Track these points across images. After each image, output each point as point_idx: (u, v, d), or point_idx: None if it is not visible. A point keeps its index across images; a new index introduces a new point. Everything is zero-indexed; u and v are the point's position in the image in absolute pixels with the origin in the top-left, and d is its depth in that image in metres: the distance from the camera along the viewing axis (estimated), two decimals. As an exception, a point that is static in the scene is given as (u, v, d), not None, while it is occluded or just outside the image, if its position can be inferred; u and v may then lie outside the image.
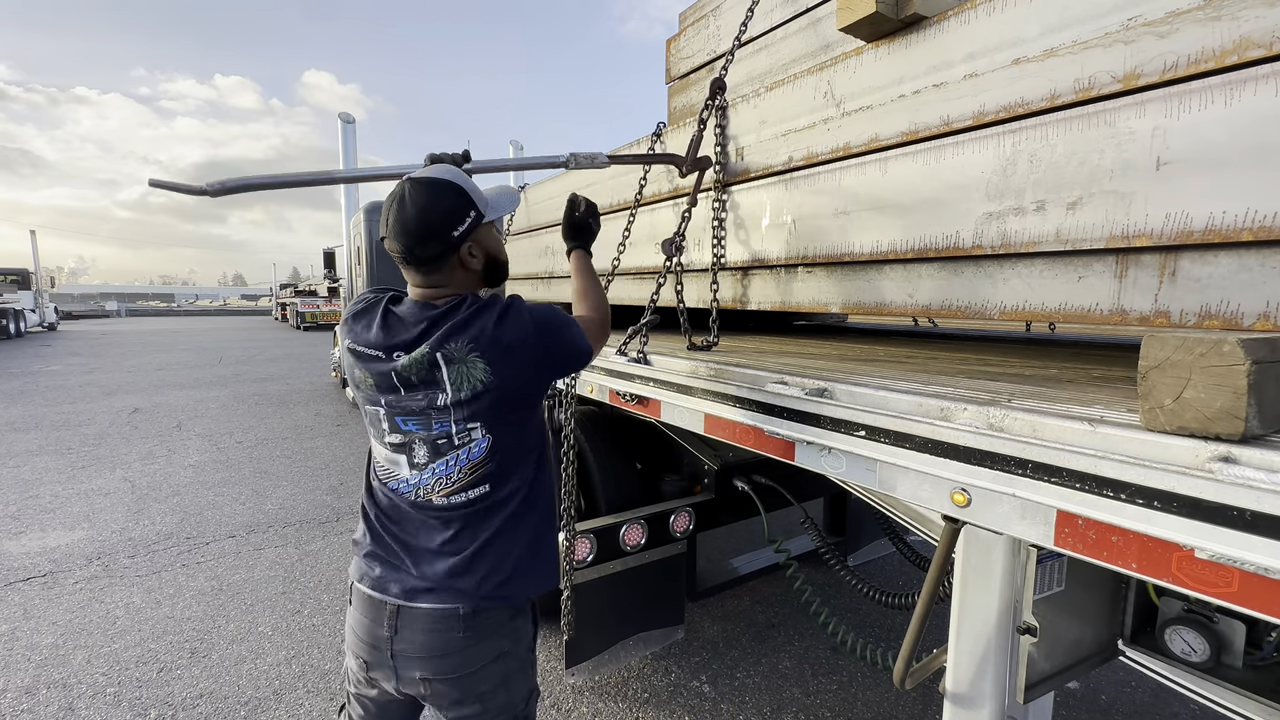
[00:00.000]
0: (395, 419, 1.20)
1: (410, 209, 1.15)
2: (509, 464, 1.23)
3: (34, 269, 23.45)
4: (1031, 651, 1.22)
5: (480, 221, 1.22)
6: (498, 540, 1.22)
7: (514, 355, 1.16)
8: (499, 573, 1.22)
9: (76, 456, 5.78)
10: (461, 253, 1.20)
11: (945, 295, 1.35)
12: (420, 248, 1.17)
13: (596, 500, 2.62)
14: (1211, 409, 0.72)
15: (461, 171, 1.26)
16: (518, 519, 1.24)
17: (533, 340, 1.18)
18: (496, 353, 1.15)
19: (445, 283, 1.23)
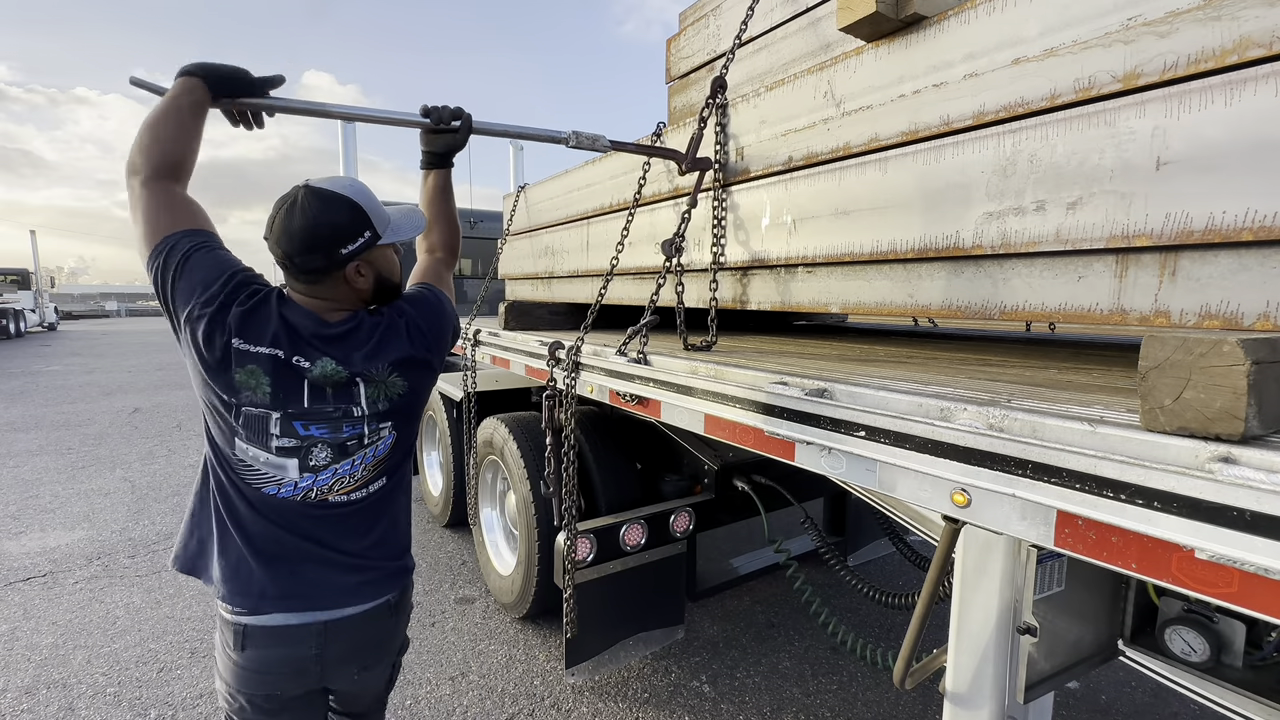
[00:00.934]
0: (293, 424, 1.16)
1: (299, 218, 1.13)
2: (404, 452, 1.31)
3: (34, 269, 23.46)
4: (1031, 651, 1.22)
5: (374, 243, 1.21)
6: (396, 522, 1.32)
7: (425, 365, 1.28)
8: (401, 548, 1.33)
9: (76, 456, 5.78)
10: (347, 271, 1.19)
11: (945, 295, 1.35)
12: (301, 258, 1.15)
13: (596, 500, 2.62)
14: (1211, 409, 0.72)
15: (365, 187, 1.23)
16: (404, 495, 1.35)
17: (434, 345, 1.30)
18: (411, 368, 1.25)
19: (327, 295, 1.22)
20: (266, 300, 1.18)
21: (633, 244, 2.33)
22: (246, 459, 1.17)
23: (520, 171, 9.88)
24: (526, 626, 2.95)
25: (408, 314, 1.28)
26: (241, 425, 1.16)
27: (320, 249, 1.15)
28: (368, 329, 1.22)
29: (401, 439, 1.28)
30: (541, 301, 3.29)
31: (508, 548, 3.17)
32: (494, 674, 2.60)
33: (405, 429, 1.29)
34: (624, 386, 1.88)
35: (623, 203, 2.37)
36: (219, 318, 1.12)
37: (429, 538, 4.01)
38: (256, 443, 1.16)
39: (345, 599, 1.22)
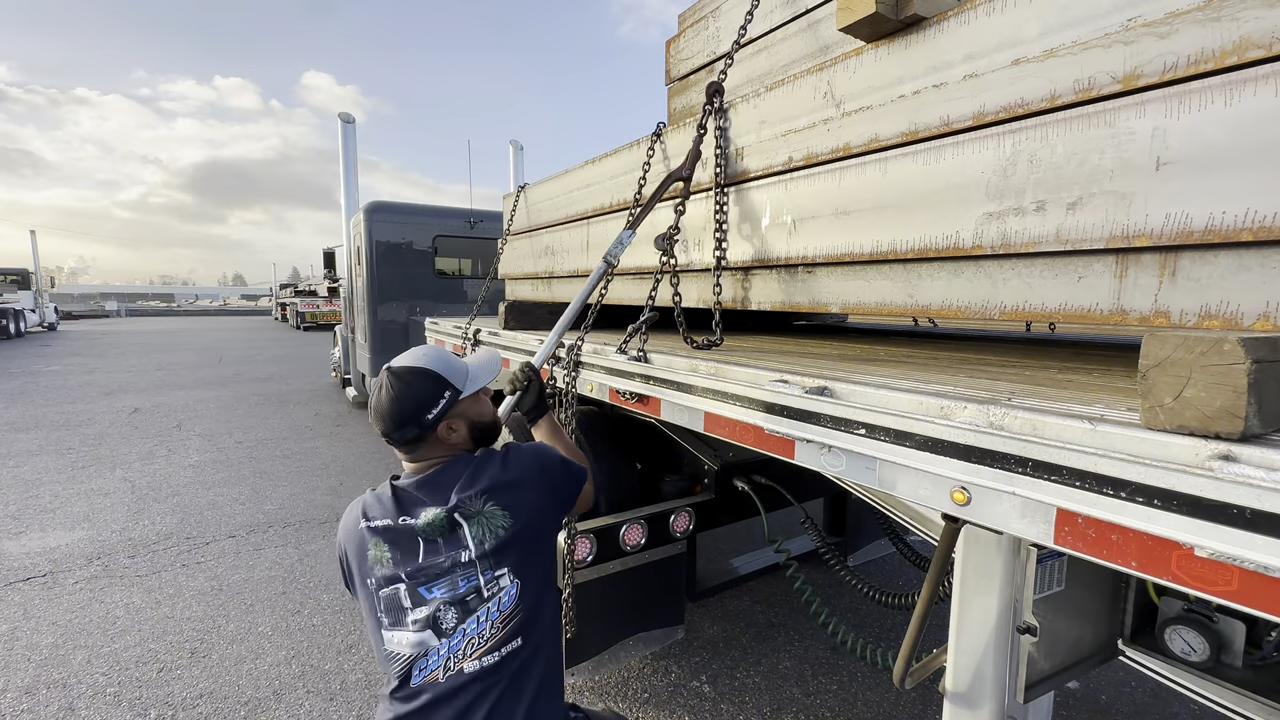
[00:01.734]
0: (418, 590, 1.17)
1: (386, 400, 1.22)
2: (537, 608, 1.22)
3: (34, 269, 23.45)
4: (1031, 651, 1.22)
5: (457, 399, 1.26)
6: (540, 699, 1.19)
7: (525, 494, 1.23)
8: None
9: (76, 456, 5.78)
10: (439, 431, 1.25)
11: (945, 295, 1.35)
12: (398, 433, 1.23)
13: (596, 500, 2.62)
14: (1212, 407, 0.72)
15: (439, 350, 1.33)
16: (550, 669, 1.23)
17: (535, 476, 1.26)
18: (510, 497, 1.20)
19: (430, 454, 1.27)
20: (378, 490, 1.28)
21: (633, 243, 2.33)
22: (400, 650, 1.17)
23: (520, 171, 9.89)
24: (526, 626, 2.95)
25: (512, 448, 1.29)
26: (383, 613, 1.19)
27: (410, 421, 1.22)
28: (463, 463, 1.25)
29: (526, 590, 1.19)
30: (541, 301, 3.29)
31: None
32: (494, 674, 2.61)
33: (528, 577, 1.20)
34: (624, 384, 1.88)
35: (623, 202, 2.37)
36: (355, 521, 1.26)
37: (429, 538, 4.01)
38: (398, 625, 1.17)
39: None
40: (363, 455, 5.93)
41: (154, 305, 61.88)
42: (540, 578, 1.24)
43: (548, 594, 1.26)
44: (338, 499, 4.69)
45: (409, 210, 7.34)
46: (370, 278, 7.05)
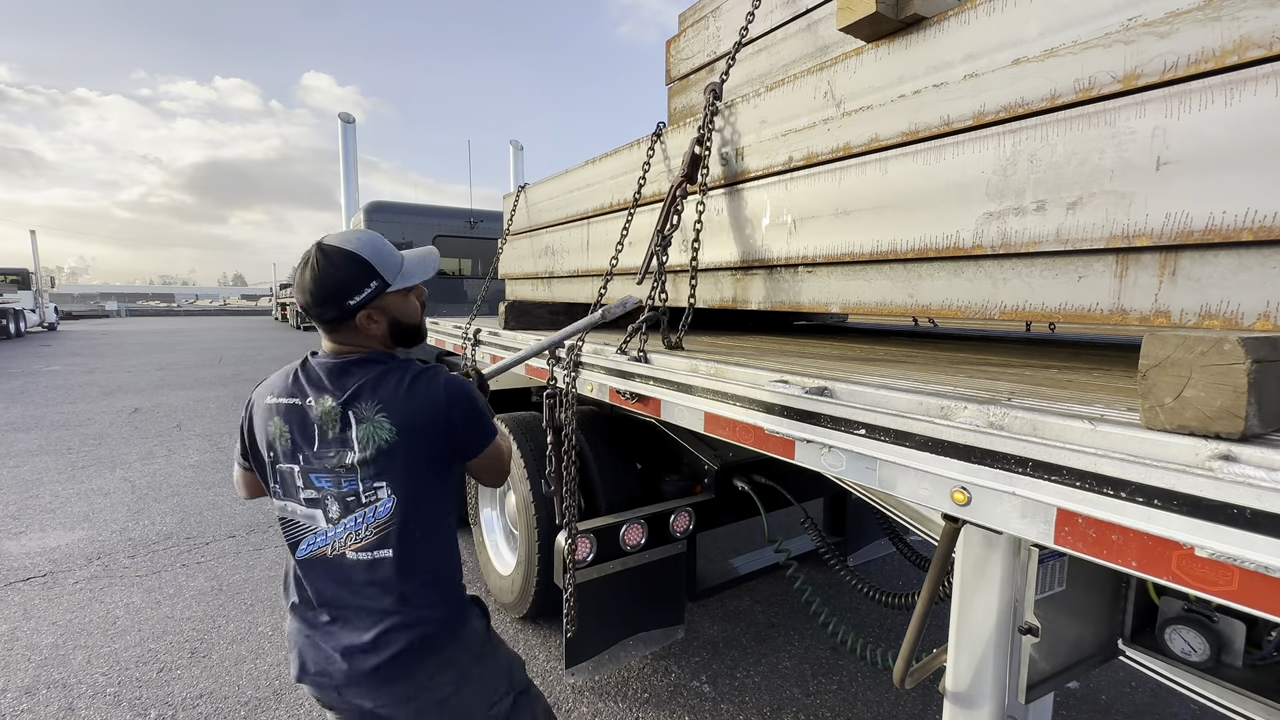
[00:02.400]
0: (310, 475, 1.24)
1: (310, 274, 1.22)
2: (413, 530, 1.24)
3: (34, 269, 23.44)
4: (1032, 652, 1.22)
5: (381, 291, 1.26)
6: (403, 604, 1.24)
7: (420, 419, 1.22)
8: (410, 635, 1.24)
9: (76, 456, 5.78)
10: (359, 319, 1.25)
11: (945, 295, 1.35)
12: (317, 309, 1.24)
13: (596, 500, 2.62)
14: (1212, 407, 0.72)
15: (376, 238, 1.29)
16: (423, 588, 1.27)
17: (439, 408, 1.24)
18: (403, 417, 1.21)
19: (349, 341, 1.29)
20: (290, 364, 1.31)
21: (632, 244, 2.33)
22: (290, 515, 1.29)
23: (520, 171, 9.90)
24: (526, 626, 2.95)
25: (431, 372, 1.28)
26: (278, 487, 1.29)
27: (330, 301, 1.22)
28: (375, 364, 1.26)
29: (402, 509, 1.22)
30: (541, 301, 3.29)
31: (508, 548, 3.17)
32: (494, 674, 2.61)
33: (405, 499, 1.23)
34: (624, 385, 1.88)
35: (623, 202, 2.37)
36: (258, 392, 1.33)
37: (429, 538, 4.02)
38: (290, 497, 1.28)
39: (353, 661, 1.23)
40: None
41: (154, 305, 61.89)
42: (420, 503, 1.25)
43: (430, 522, 1.27)
44: (338, 499, 4.69)
45: (409, 210, 7.34)
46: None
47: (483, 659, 1.35)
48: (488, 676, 1.35)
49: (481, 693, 1.33)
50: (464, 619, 1.34)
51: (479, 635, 1.36)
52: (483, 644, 1.36)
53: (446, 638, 1.29)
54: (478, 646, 1.35)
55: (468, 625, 1.34)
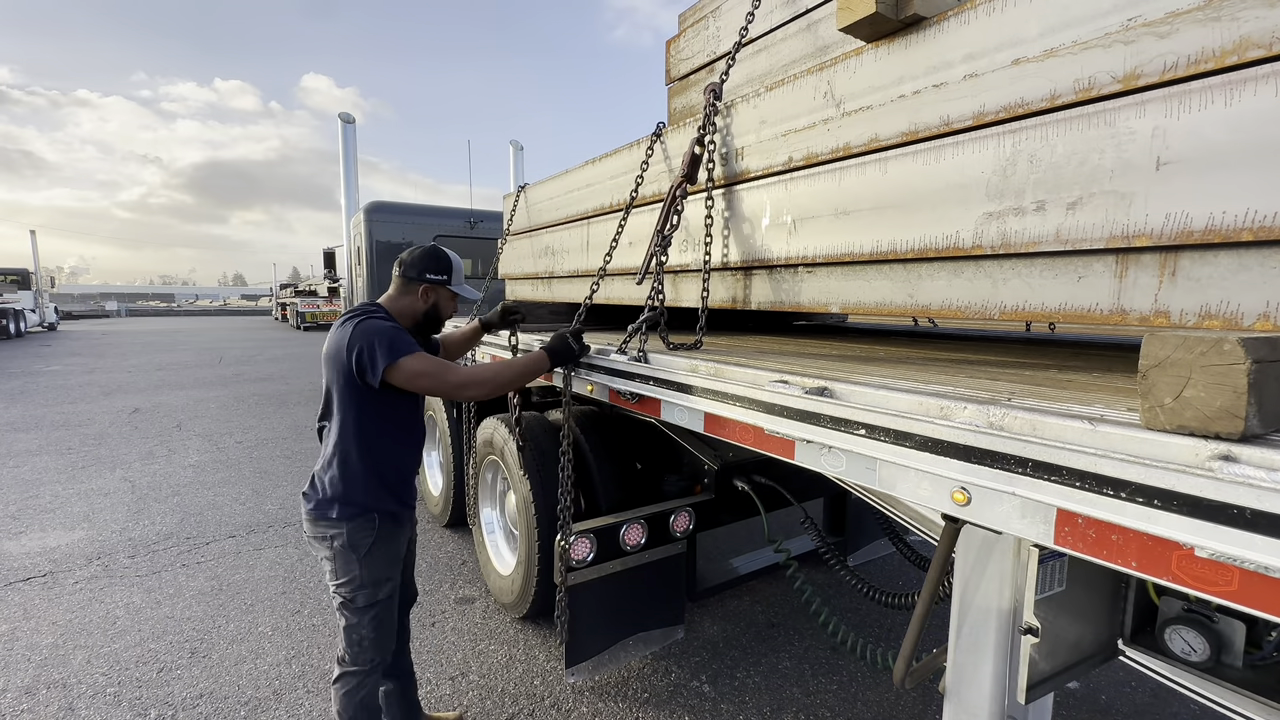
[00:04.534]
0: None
1: (422, 248, 1.94)
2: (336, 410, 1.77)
3: (34, 269, 23.44)
4: (1032, 652, 1.22)
5: (445, 283, 1.93)
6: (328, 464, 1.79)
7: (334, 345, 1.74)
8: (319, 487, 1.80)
9: (76, 456, 5.78)
10: (421, 289, 1.91)
11: (945, 295, 1.35)
12: (408, 263, 1.91)
13: (596, 500, 2.62)
14: (1212, 408, 0.72)
15: (460, 262, 1.98)
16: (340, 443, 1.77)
17: (345, 343, 1.70)
18: (331, 338, 1.76)
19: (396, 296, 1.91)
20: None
21: (632, 244, 2.33)
22: None
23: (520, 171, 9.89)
24: (526, 626, 2.95)
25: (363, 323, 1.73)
26: None
27: (418, 265, 1.90)
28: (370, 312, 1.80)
29: (331, 395, 1.77)
30: (542, 301, 3.29)
31: (508, 548, 3.17)
32: (494, 674, 2.60)
33: (332, 391, 1.77)
34: (624, 385, 1.88)
35: (623, 202, 2.37)
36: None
37: (429, 538, 4.01)
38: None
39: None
40: (363, 455, 5.93)
41: (154, 305, 61.87)
42: (335, 396, 1.76)
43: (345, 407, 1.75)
44: (338, 499, 4.70)
45: (409, 210, 7.34)
46: (370, 278, 7.05)
47: (347, 559, 1.77)
48: (342, 569, 1.78)
49: (332, 573, 1.79)
50: (349, 518, 1.76)
51: (350, 540, 1.76)
52: (350, 548, 1.77)
53: (330, 519, 1.76)
54: (348, 548, 1.76)
55: (351, 523, 1.76)
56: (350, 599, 1.79)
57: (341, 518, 1.76)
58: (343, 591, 1.79)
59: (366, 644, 1.82)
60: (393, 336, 1.71)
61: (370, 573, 1.79)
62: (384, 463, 1.81)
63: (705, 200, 1.88)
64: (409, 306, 1.90)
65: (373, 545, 1.79)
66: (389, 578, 1.84)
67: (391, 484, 1.84)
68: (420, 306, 1.91)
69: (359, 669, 1.83)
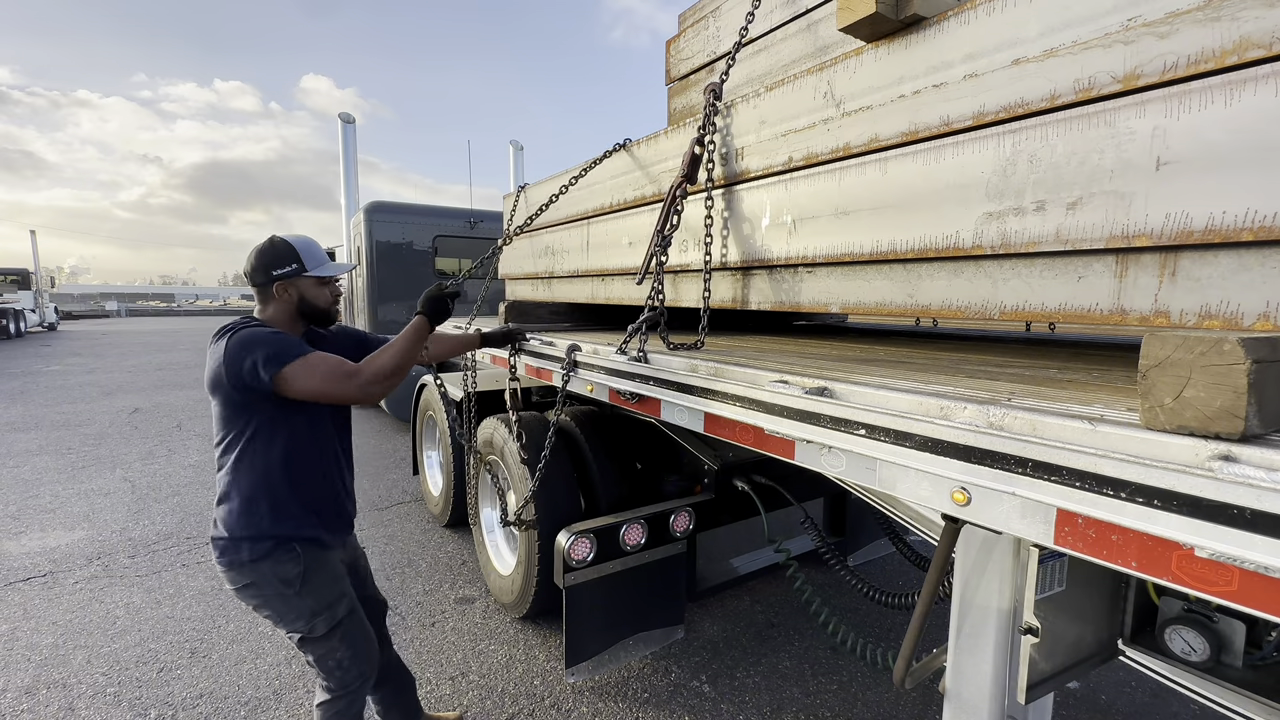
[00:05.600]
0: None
1: (254, 249, 1.73)
2: (226, 433, 1.65)
3: (34, 269, 23.44)
4: (1032, 652, 1.22)
5: (298, 273, 1.72)
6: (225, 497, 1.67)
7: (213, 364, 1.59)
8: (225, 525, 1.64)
9: (77, 456, 5.78)
10: (275, 288, 1.71)
11: (945, 295, 1.35)
12: (250, 274, 1.73)
13: (596, 500, 2.62)
14: (1212, 408, 0.72)
15: (311, 240, 1.79)
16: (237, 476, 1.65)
17: (220, 359, 1.57)
18: (211, 359, 1.61)
19: (264, 306, 1.75)
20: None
21: (632, 244, 2.33)
22: None
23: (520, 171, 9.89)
24: (526, 626, 2.95)
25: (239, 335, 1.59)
26: None
27: (259, 268, 1.71)
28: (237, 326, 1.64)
29: (221, 416, 1.65)
30: (542, 301, 3.29)
31: (508, 548, 3.17)
32: (494, 674, 2.60)
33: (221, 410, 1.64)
34: (624, 385, 1.88)
35: (622, 203, 2.37)
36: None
37: (429, 538, 4.01)
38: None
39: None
40: (362, 455, 5.93)
41: (154, 305, 61.84)
42: (223, 426, 1.65)
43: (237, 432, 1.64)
44: (338, 499, 4.69)
45: (409, 210, 7.34)
46: (370, 278, 7.05)
47: (284, 597, 1.63)
48: (285, 610, 1.64)
49: (278, 618, 1.65)
50: (266, 555, 1.61)
51: (282, 578, 1.62)
52: (286, 585, 1.63)
53: (245, 564, 1.60)
54: (279, 585, 1.62)
55: (267, 561, 1.61)
56: (309, 631, 1.65)
57: (257, 557, 1.59)
58: (297, 628, 1.65)
59: (346, 663, 1.71)
60: (273, 341, 1.55)
61: (317, 600, 1.65)
62: (295, 486, 1.65)
63: (705, 200, 1.88)
64: (279, 312, 1.72)
65: (305, 574, 1.63)
66: (341, 593, 1.73)
67: (307, 508, 1.67)
68: (289, 306, 1.72)
69: (345, 691, 1.73)
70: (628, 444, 2.78)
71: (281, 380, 1.54)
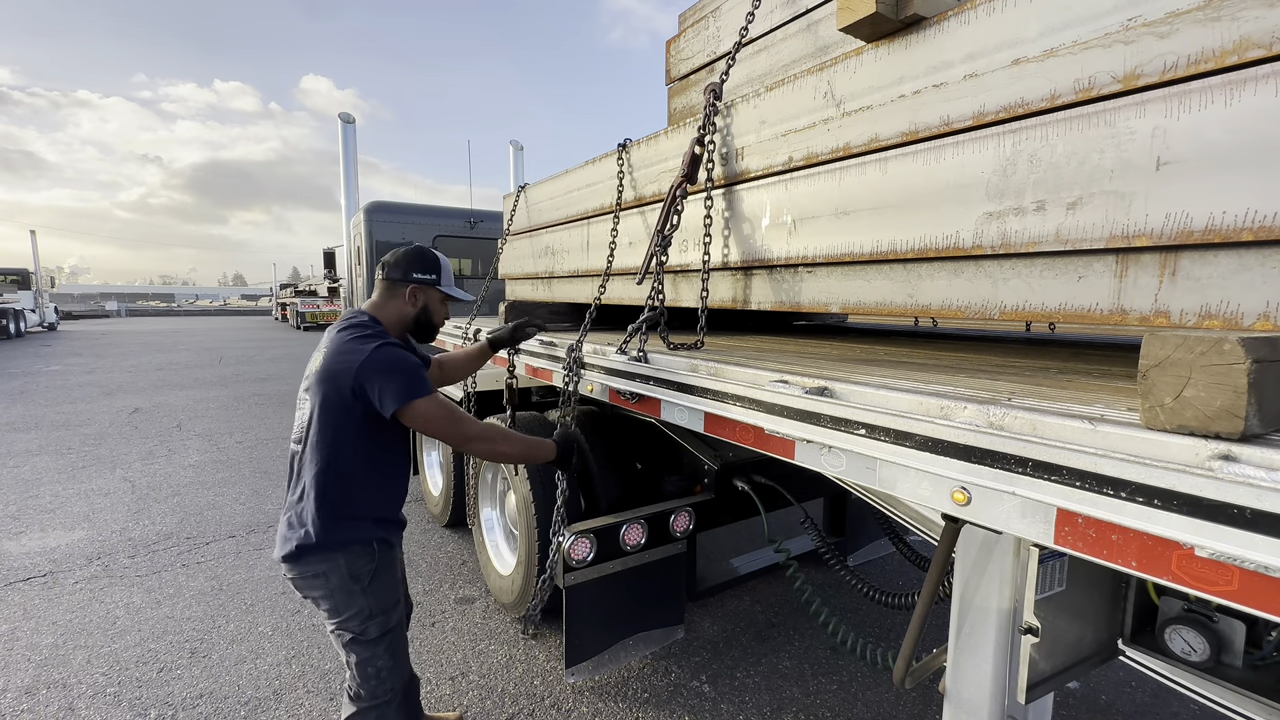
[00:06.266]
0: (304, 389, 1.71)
1: (406, 248, 1.81)
2: (320, 436, 1.61)
3: (34, 269, 23.43)
4: (1032, 652, 1.22)
5: (433, 284, 1.80)
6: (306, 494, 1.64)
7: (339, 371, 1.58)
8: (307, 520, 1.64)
9: (77, 456, 5.78)
10: (406, 291, 1.77)
11: (945, 295, 1.35)
12: (390, 265, 1.78)
13: (596, 500, 2.62)
14: (1212, 407, 0.72)
15: (447, 261, 1.87)
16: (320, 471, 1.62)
17: (353, 368, 1.57)
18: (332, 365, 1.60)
19: (382, 303, 1.78)
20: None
21: (632, 244, 2.33)
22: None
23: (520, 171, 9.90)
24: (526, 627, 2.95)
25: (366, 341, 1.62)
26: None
27: (403, 266, 1.78)
28: (364, 326, 1.69)
29: (315, 420, 1.61)
30: (542, 301, 3.29)
31: (508, 548, 3.17)
32: (494, 674, 2.60)
33: (318, 414, 1.61)
34: (624, 385, 1.88)
35: (623, 202, 2.37)
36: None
37: (429, 538, 4.01)
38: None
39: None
40: (363, 455, 5.93)
41: (154, 305, 61.85)
42: (325, 420, 1.61)
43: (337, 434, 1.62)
44: (338, 499, 4.69)
45: (409, 210, 7.34)
46: (370, 278, 7.05)
47: (349, 592, 1.66)
48: (347, 605, 1.67)
49: (332, 612, 1.67)
50: (343, 548, 1.64)
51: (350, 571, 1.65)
52: (355, 580, 1.66)
53: (319, 554, 1.62)
54: (348, 579, 1.65)
55: (343, 553, 1.64)
56: (360, 633, 1.67)
57: (337, 550, 1.63)
58: (350, 627, 1.67)
59: (385, 674, 1.72)
60: (410, 372, 1.61)
61: (378, 601, 1.69)
62: (380, 490, 1.71)
63: (705, 200, 1.88)
64: (397, 312, 1.77)
65: (375, 573, 1.68)
66: (397, 599, 1.76)
67: (389, 510, 1.75)
68: (409, 311, 1.77)
69: (378, 701, 1.72)
70: (628, 444, 2.78)
71: (405, 411, 1.58)
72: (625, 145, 2.37)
